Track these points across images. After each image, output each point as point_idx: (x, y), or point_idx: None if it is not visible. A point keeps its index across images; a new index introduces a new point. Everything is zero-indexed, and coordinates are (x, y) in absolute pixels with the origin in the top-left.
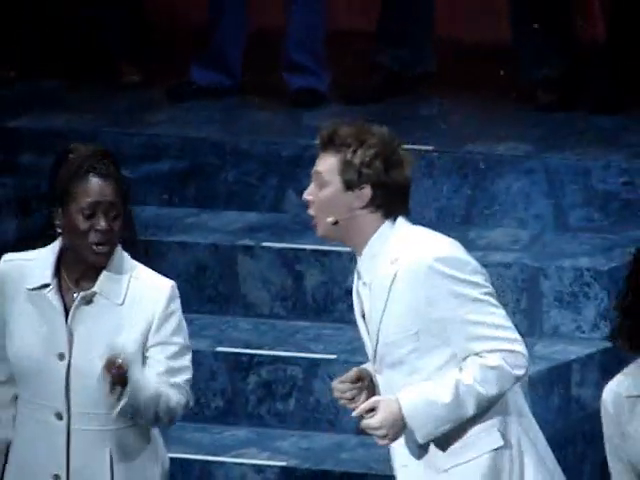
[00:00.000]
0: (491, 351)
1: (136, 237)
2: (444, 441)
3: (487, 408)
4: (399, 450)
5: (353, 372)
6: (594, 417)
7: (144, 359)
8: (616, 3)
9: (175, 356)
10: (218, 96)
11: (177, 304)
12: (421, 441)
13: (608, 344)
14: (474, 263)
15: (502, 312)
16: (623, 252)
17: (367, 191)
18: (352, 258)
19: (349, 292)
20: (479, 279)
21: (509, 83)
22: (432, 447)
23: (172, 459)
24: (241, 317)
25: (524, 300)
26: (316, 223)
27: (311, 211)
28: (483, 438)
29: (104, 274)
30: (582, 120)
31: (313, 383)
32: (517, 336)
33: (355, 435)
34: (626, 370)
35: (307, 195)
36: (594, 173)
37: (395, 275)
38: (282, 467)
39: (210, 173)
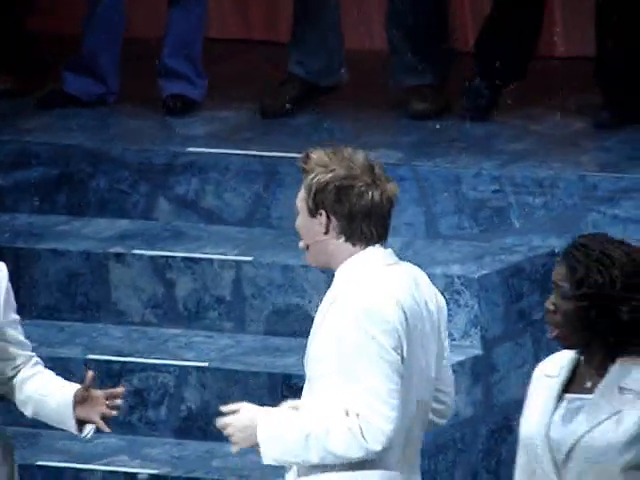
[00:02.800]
0: (357, 414)
1: None
2: (308, 471)
3: (335, 463)
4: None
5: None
6: (465, 424)
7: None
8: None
9: (20, 331)
10: (90, 104)
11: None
12: (264, 460)
13: (478, 351)
14: (393, 326)
15: (390, 385)
16: (493, 260)
17: (324, 217)
18: (222, 265)
19: (220, 300)
20: (387, 343)
21: (382, 90)
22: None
23: (43, 467)
24: (112, 325)
25: None
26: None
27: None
28: None
29: None
30: (453, 128)
31: (185, 391)
32: (390, 413)
33: (227, 443)
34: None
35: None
36: (465, 181)
37: (331, 305)
38: (153, 475)
39: (81, 180)
